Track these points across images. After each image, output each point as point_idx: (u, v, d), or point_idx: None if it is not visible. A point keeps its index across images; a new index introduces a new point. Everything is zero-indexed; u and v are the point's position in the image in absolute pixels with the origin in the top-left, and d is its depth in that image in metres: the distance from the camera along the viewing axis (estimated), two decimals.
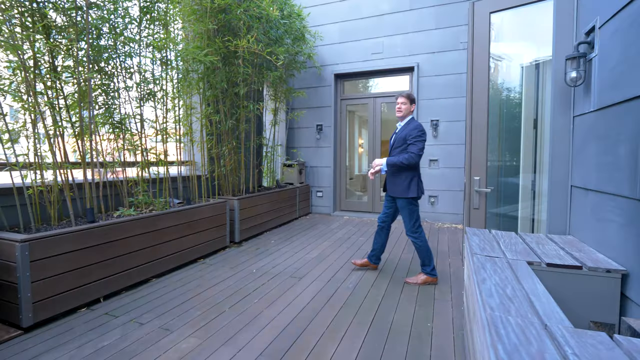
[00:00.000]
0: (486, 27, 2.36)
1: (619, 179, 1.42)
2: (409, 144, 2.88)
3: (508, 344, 0.82)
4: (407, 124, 3.00)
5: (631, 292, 1.34)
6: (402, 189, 2.94)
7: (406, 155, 2.85)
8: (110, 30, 2.99)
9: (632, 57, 1.35)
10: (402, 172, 2.94)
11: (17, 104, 2.51)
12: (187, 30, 3.38)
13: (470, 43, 2.43)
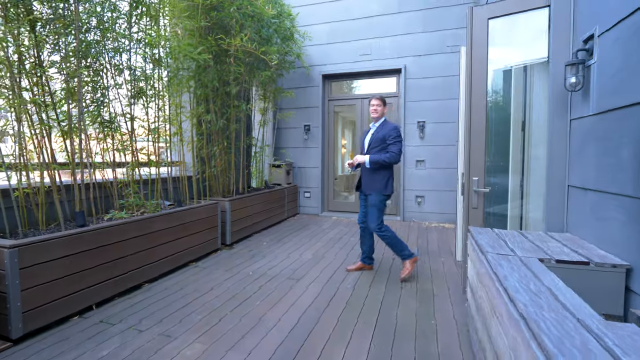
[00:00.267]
0: (485, 32, 2.44)
1: (621, 179, 1.50)
2: (389, 144, 3.05)
3: (552, 337, 0.85)
4: (383, 125, 3.15)
5: (635, 286, 1.42)
6: (380, 186, 3.09)
7: (388, 155, 3.01)
8: (98, 25, 2.86)
9: (634, 65, 1.44)
10: (380, 171, 3.09)
11: (1, 100, 2.36)
12: (178, 26, 3.28)
13: (469, 47, 2.50)
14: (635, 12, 1.42)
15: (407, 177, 5.98)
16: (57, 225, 2.63)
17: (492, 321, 1.39)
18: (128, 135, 3.13)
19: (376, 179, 3.11)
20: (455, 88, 5.62)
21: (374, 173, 3.11)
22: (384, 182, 3.10)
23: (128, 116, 3.12)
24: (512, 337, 1.09)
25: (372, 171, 3.11)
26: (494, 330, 1.37)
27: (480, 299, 1.73)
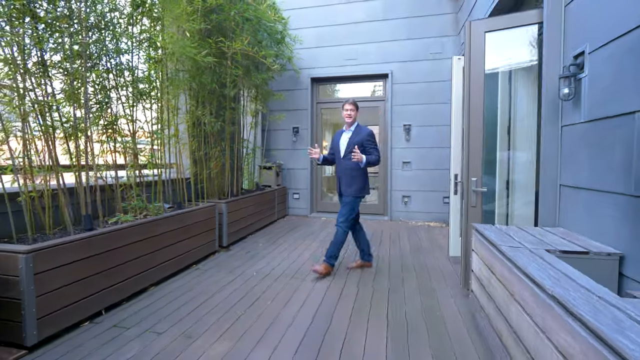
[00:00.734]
0: (482, 44, 2.65)
1: (613, 179, 1.73)
2: (367, 149, 3.21)
3: (587, 311, 1.01)
4: (359, 130, 3.31)
5: (628, 271, 1.64)
6: (358, 189, 3.26)
7: (376, 157, 3.22)
8: (101, 25, 2.81)
9: (624, 80, 1.66)
10: (359, 175, 3.27)
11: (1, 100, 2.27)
12: (179, 28, 3.27)
13: (467, 57, 2.71)
14: (627, 34, 1.65)
15: (393, 178, 6.21)
16: (62, 229, 2.56)
17: (512, 306, 1.56)
18: (130, 137, 3.08)
19: (355, 182, 3.26)
20: (439, 93, 5.94)
21: (353, 177, 3.26)
22: (362, 185, 3.28)
23: (129, 118, 3.07)
24: (541, 317, 1.25)
25: (351, 175, 3.26)
26: (514, 314, 1.54)
27: (492, 288, 1.90)
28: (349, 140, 3.29)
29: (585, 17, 2.03)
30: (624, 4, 1.70)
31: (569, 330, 1.04)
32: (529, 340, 1.37)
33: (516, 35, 3.03)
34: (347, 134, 3.34)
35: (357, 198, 3.28)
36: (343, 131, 3.41)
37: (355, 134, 3.29)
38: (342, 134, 3.40)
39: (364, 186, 3.31)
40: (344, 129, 3.42)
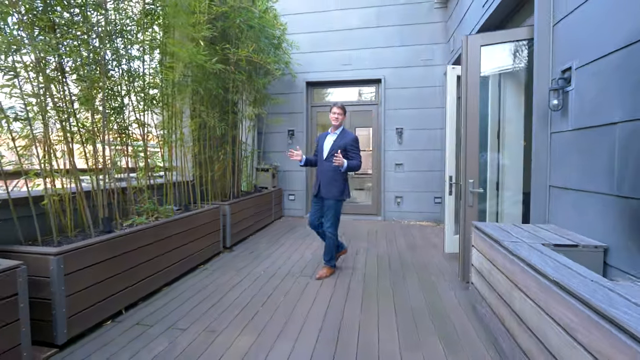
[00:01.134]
0: (478, 57, 2.89)
1: (598, 181, 1.97)
2: (350, 153, 3.27)
3: (585, 291, 1.22)
4: (344, 134, 3.35)
5: (611, 261, 1.89)
6: (339, 192, 3.28)
7: (357, 162, 3.29)
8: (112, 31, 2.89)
9: (607, 95, 1.91)
10: (340, 178, 3.28)
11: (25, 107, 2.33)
12: (189, 36, 3.37)
13: (465, 68, 2.94)
14: (609, 55, 1.89)
15: (386, 179, 6.44)
16: (80, 231, 2.63)
17: (515, 293, 1.77)
18: (142, 141, 3.16)
19: (336, 185, 3.27)
20: (430, 98, 6.21)
21: (334, 180, 3.27)
22: (342, 188, 3.30)
23: (140, 122, 3.15)
24: (544, 300, 1.46)
25: (333, 178, 3.27)
26: (517, 299, 1.75)
27: (493, 279, 2.12)
28: (334, 143, 3.31)
29: (572, 37, 2.28)
30: (604, 30, 1.94)
31: (571, 308, 1.25)
32: (531, 320, 1.58)
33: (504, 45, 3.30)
34: (332, 136, 3.37)
35: (338, 202, 3.30)
36: (328, 133, 3.43)
37: (341, 137, 3.32)
38: (327, 136, 3.43)
39: (344, 189, 3.32)
40: (329, 131, 3.43)
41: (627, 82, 1.77)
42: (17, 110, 2.21)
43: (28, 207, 2.30)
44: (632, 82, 1.73)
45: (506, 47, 3.43)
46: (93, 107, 2.69)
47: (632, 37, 1.73)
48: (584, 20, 2.14)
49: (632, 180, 1.72)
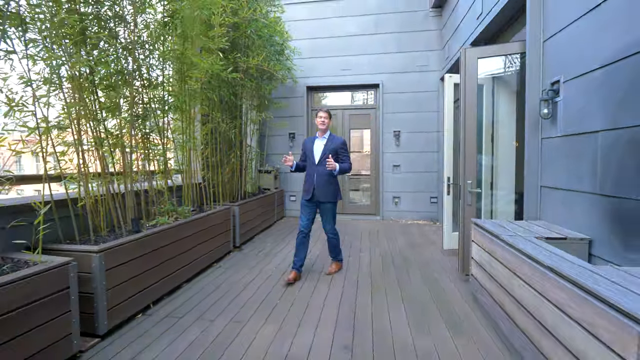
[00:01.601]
0: (475, 68, 3.16)
1: (583, 181, 2.24)
2: (341, 156, 3.39)
3: (573, 273, 1.47)
4: (332, 138, 3.43)
5: (595, 251, 2.16)
6: (333, 194, 3.39)
7: (348, 165, 3.42)
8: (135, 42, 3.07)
9: (591, 106, 2.18)
10: (334, 181, 3.41)
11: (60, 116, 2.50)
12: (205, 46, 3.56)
13: (463, 78, 3.20)
14: (593, 71, 2.17)
15: (385, 180, 6.70)
16: (110, 230, 2.80)
17: (514, 280, 2.03)
18: (161, 145, 3.34)
19: (331, 188, 3.37)
20: (426, 102, 6.50)
21: (329, 183, 3.35)
22: (336, 190, 3.43)
23: (161, 128, 3.33)
24: (540, 284, 1.72)
25: (329, 182, 3.35)
26: (516, 287, 2.00)
27: (493, 270, 2.38)
28: (325, 147, 3.37)
29: (560, 53, 2.56)
30: (588, 49, 2.22)
31: (562, 289, 1.50)
32: (529, 303, 1.83)
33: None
34: (321, 141, 3.42)
35: (335, 203, 3.43)
36: (315, 138, 3.48)
37: (330, 141, 3.38)
38: (314, 140, 3.46)
39: (337, 192, 3.43)
40: (316, 135, 3.49)
41: (607, 96, 2.04)
42: (59, 119, 2.38)
43: (66, 209, 2.47)
44: (612, 96, 2.00)
45: (500, 58, 3.72)
46: (119, 115, 2.87)
47: (612, 57, 2.01)
48: (571, 39, 2.42)
49: (613, 181, 1.99)
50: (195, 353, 2.11)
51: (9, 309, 1.66)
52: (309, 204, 3.43)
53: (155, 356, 2.08)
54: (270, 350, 2.15)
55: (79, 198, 2.57)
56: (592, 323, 1.30)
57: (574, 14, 2.36)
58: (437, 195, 6.49)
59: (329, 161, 3.23)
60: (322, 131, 3.43)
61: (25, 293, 1.75)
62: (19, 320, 1.70)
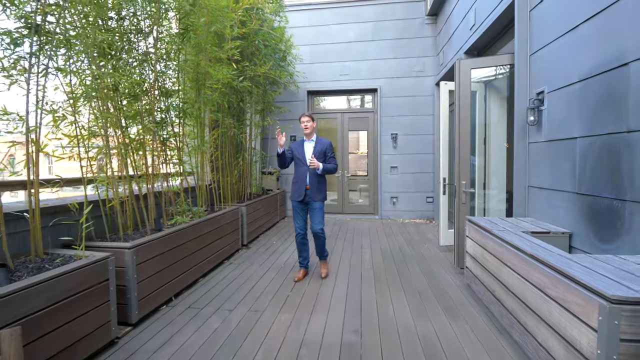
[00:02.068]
0: (468, 77, 3.44)
1: (565, 181, 2.53)
2: (328, 157, 3.52)
3: (552, 260, 1.74)
4: (319, 141, 3.55)
5: (575, 244, 2.44)
6: (324, 195, 3.56)
7: (334, 165, 3.53)
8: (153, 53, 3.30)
9: (570, 115, 2.47)
10: (323, 182, 3.55)
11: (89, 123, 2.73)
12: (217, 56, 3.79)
13: (458, 86, 3.48)
14: (573, 84, 2.45)
15: (383, 181, 6.98)
16: (134, 229, 3.02)
17: (503, 269, 2.30)
18: (177, 150, 3.57)
19: (321, 188, 3.52)
20: (421, 106, 6.79)
21: (320, 184, 3.51)
22: (325, 190, 3.59)
23: (177, 133, 3.56)
24: (524, 270, 1.99)
25: (320, 182, 3.51)
26: (504, 274, 2.28)
27: (485, 261, 2.65)
28: (314, 149, 3.50)
29: (544, 66, 2.85)
30: (568, 65, 2.50)
31: (543, 273, 1.78)
32: (516, 287, 2.11)
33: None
34: (310, 143, 3.55)
35: (323, 203, 3.56)
36: (303, 141, 3.59)
37: (318, 144, 3.53)
38: (303, 143, 3.58)
39: (326, 192, 3.59)
40: (304, 139, 3.60)
41: (584, 106, 2.33)
42: (91, 128, 2.61)
43: (97, 209, 2.69)
44: (587, 107, 2.29)
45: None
46: (141, 122, 3.09)
47: (588, 73, 2.29)
48: (554, 54, 2.71)
49: (589, 182, 2.28)
50: (221, 338, 2.36)
51: (65, 296, 1.89)
52: (301, 205, 3.58)
53: (184, 341, 2.32)
54: (288, 334, 2.40)
55: (106, 199, 2.80)
56: (565, 299, 1.57)
57: (556, 32, 2.65)
58: (432, 195, 6.78)
59: (312, 160, 3.37)
60: (309, 135, 3.54)
61: (76, 283, 1.98)
62: (71, 307, 1.94)
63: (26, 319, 1.67)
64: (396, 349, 2.20)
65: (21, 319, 1.65)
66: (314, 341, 2.31)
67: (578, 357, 1.47)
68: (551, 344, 1.70)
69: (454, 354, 2.13)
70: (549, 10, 2.79)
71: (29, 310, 1.70)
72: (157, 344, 2.29)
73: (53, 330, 1.82)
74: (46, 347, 1.78)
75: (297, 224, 3.59)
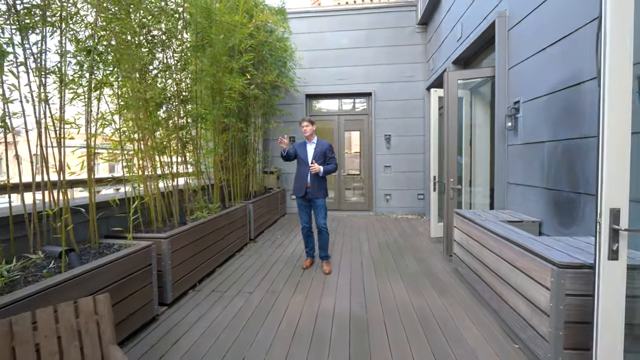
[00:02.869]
0: (455, 87, 3.90)
1: (535, 178, 3.00)
2: (328, 158, 3.77)
3: (520, 240, 2.20)
4: (319, 143, 3.80)
5: (544, 230, 2.91)
6: (324, 192, 3.83)
7: (334, 166, 3.79)
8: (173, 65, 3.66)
9: (540, 122, 2.94)
10: (324, 181, 3.82)
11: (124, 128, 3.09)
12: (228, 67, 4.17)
13: (446, 94, 3.94)
14: (541, 97, 2.92)
15: (377, 179, 7.44)
16: (162, 223, 3.39)
17: (483, 251, 2.76)
18: (195, 152, 3.94)
19: (322, 187, 3.79)
20: (412, 109, 7.26)
21: (321, 182, 3.77)
22: (326, 188, 3.86)
23: (194, 137, 3.93)
24: (498, 248, 2.45)
25: (320, 181, 3.76)
26: (485, 255, 2.73)
27: (470, 246, 3.11)
28: (315, 151, 3.75)
29: (520, 79, 3.32)
30: (539, 79, 2.97)
31: (512, 250, 2.23)
32: (493, 264, 2.56)
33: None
34: (311, 145, 3.81)
35: (325, 199, 3.84)
36: (305, 143, 3.84)
37: (318, 145, 3.78)
38: (305, 145, 3.83)
39: (327, 190, 3.87)
40: (305, 141, 3.86)
41: (549, 116, 2.80)
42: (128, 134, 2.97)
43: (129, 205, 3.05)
44: (552, 116, 2.76)
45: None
46: (166, 127, 3.46)
47: (552, 88, 2.76)
48: (527, 70, 3.18)
49: (553, 179, 2.75)
50: (247, 313, 2.76)
51: (121, 276, 2.27)
52: (304, 202, 3.86)
53: (215, 317, 2.71)
54: (304, 309, 2.81)
55: (138, 196, 3.15)
56: (528, 268, 2.03)
57: (530, 51, 3.12)
58: (423, 192, 7.26)
59: (312, 166, 3.64)
60: (309, 137, 3.81)
61: (129, 266, 2.35)
62: (126, 285, 2.31)
63: (94, 294, 2.05)
64: (396, 317, 2.64)
65: (91, 294, 2.02)
66: (327, 313, 2.73)
67: (538, 311, 1.93)
68: (519, 306, 2.15)
69: (442, 320, 2.58)
70: (524, 32, 3.25)
71: (96, 287, 2.08)
72: (192, 319, 2.68)
73: (113, 305, 2.20)
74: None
75: (303, 219, 3.96)
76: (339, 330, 2.48)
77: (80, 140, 2.64)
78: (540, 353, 1.92)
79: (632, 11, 1.44)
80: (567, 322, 1.77)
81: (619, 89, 1.46)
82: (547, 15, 2.85)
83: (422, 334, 2.41)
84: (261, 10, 4.51)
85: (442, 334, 2.41)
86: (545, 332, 1.86)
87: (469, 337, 2.35)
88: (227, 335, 2.43)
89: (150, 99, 3.25)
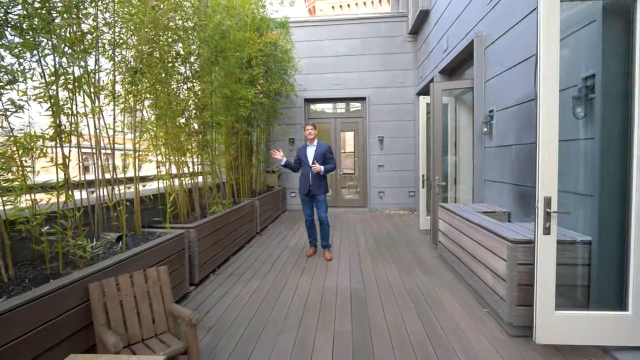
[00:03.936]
0: (440, 95, 4.45)
1: (506, 175, 3.56)
2: (328, 158, 4.24)
3: (490, 227, 2.74)
4: (320, 145, 4.27)
5: (512, 219, 3.47)
6: (325, 189, 4.34)
7: (333, 165, 4.28)
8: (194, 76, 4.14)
9: (509, 129, 3.49)
10: (325, 178, 4.32)
11: None
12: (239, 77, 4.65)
13: (432, 102, 4.48)
14: (510, 107, 3.48)
15: (372, 177, 7.98)
16: (185, 216, 3.87)
17: (462, 238, 3.31)
18: (211, 153, 4.43)
19: (323, 184, 4.29)
20: (404, 113, 7.82)
21: (322, 180, 4.27)
22: (326, 185, 4.36)
23: (210, 140, 4.42)
24: (473, 234, 3.00)
25: (321, 179, 4.25)
26: (463, 241, 3.28)
27: (452, 234, 3.66)
28: (315, 153, 4.22)
29: (494, 91, 3.88)
30: (507, 92, 3.53)
31: (483, 233, 2.77)
32: (469, 247, 3.11)
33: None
34: (312, 148, 4.27)
35: (326, 195, 4.34)
36: (307, 146, 4.31)
37: (318, 147, 4.24)
38: (307, 148, 4.30)
39: (327, 186, 4.35)
40: (307, 144, 4.33)
41: (515, 124, 3.36)
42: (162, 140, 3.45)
43: (160, 200, 3.53)
44: (517, 124, 3.32)
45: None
46: (187, 132, 3.94)
47: (517, 101, 3.32)
48: (499, 84, 3.74)
49: (518, 176, 3.31)
50: (263, 290, 3.26)
51: (164, 256, 2.76)
52: (307, 198, 4.37)
53: (237, 294, 3.21)
54: (312, 287, 3.33)
55: (166, 193, 3.63)
56: (492, 246, 2.57)
57: (501, 68, 3.67)
58: (414, 190, 7.82)
59: (314, 166, 4.13)
60: (311, 140, 4.31)
61: (169, 250, 2.84)
62: (167, 264, 2.80)
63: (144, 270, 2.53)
64: (389, 292, 3.17)
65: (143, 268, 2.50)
66: (331, 290, 3.25)
67: (498, 279, 2.47)
68: (487, 277, 2.70)
69: (427, 293, 3.12)
70: (498, 51, 3.80)
71: (148, 263, 2.56)
72: (217, 296, 3.17)
73: None
74: None
75: (306, 212, 4.48)
76: (342, 301, 3.00)
77: (119, 144, 3.12)
78: (500, 311, 2.47)
79: (558, 54, 1.99)
80: (519, 284, 2.32)
81: (549, 109, 2.01)
82: (514, 39, 3.41)
83: (410, 303, 2.95)
84: (267, 25, 5.00)
85: (427, 302, 2.95)
86: (503, 293, 2.40)
87: (448, 305, 2.89)
88: (250, 308, 2.93)
89: (177, 108, 3.73)
